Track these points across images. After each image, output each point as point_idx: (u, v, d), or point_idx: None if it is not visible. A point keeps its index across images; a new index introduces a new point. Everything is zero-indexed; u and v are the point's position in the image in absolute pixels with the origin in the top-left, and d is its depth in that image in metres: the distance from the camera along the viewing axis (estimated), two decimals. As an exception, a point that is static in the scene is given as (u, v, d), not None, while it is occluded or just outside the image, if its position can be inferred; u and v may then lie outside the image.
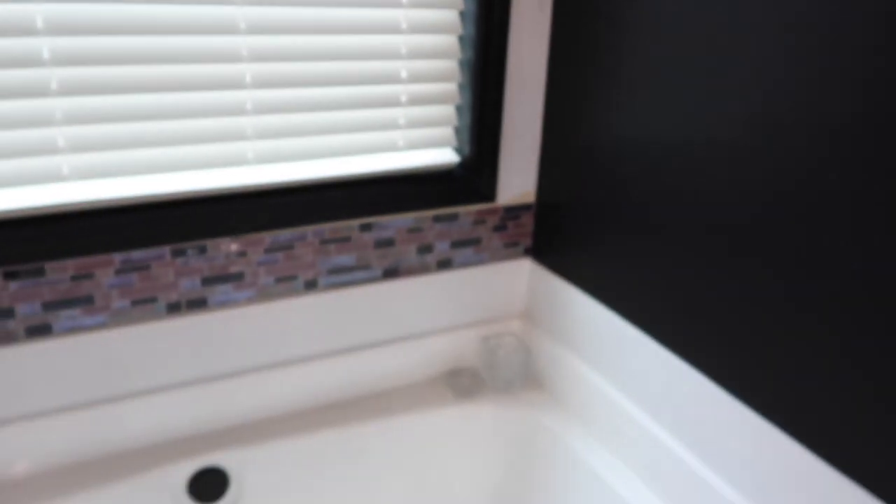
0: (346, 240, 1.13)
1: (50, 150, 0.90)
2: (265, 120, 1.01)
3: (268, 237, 1.07)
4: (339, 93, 1.04)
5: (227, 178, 1.02)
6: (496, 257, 1.27)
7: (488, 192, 1.20)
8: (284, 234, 1.08)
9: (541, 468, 1.19)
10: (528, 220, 1.27)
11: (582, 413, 1.17)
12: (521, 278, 1.31)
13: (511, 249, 1.28)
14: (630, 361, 1.05)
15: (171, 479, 1.06)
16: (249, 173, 1.04)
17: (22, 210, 0.91)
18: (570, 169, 1.15)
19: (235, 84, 0.97)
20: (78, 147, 0.91)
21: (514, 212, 1.25)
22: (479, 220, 1.23)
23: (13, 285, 0.93)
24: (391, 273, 1.19)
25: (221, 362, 1.10)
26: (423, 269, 1.22)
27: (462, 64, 1.13)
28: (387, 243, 1.17)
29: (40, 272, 0.94)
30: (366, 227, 1.14)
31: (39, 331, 0.97)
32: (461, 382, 1.27)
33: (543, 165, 1.22)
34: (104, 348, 1.01)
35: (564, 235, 1.19)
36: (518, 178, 1.23)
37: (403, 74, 1.08)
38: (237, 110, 0.98)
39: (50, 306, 0.96)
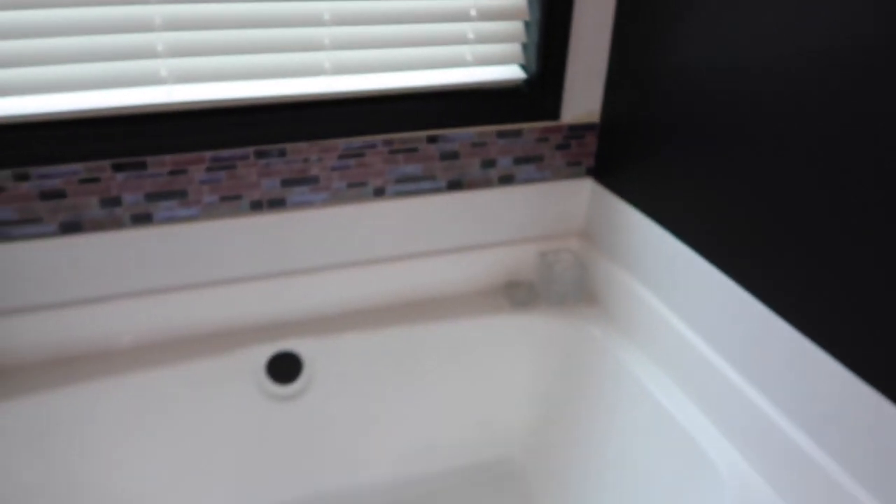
0: (414, 150, 1.20)
1: (150, 54, 1.00)
2: (341, 31, 1.07)
3: (341, 144, 1.15)
4: (411, 6, 1.09)
5: (305, 86, 1.10)
6: (558, 175, 1.31)
7: (553, 110, 1.23)
8: (356, 142, 1.16)
9: (588, 376, 1.25)
10: (591, 140, 1.30)
11: (631, 328, 1.22)
12: (581, 198, 1.34)
13: (573, 168, 1.31)
14: (684, 282, 1.08)
15: (253, 359, 1.20)
16: (326, 83, 1.11)
17: (125, 108, 1.02)
18: (637, 89, 1.16)
19: (315, -4, 1.03)
20: (175, 52, 1.01)
21: (577, 131, 1.28)
22: (543, 137, 1.26)
23: (120, 176, 1.06)
24: (455, 185, 1.25)
25: (298, 259, 1.21)
26: (485, 183, 1.27)
27: (532, -21, 1.15)
28: (452, 156, 1.22)
29: (143, 166, 1.06)
30: (432, 140, 1.20)
31: (142, 219, 1.10)
32: (518, 294, 1.34)
33: (610, 85, 1.24)
34: (196, 239, 1.13)
35: (627, 156, 1.21)
36: (583, 98, 1.25)
37: (474, -11, 1.11)
38: (316, 21, 1.05)
39: (151, 197, 1.09)
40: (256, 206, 1.15)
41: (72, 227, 1.07)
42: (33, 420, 1.08)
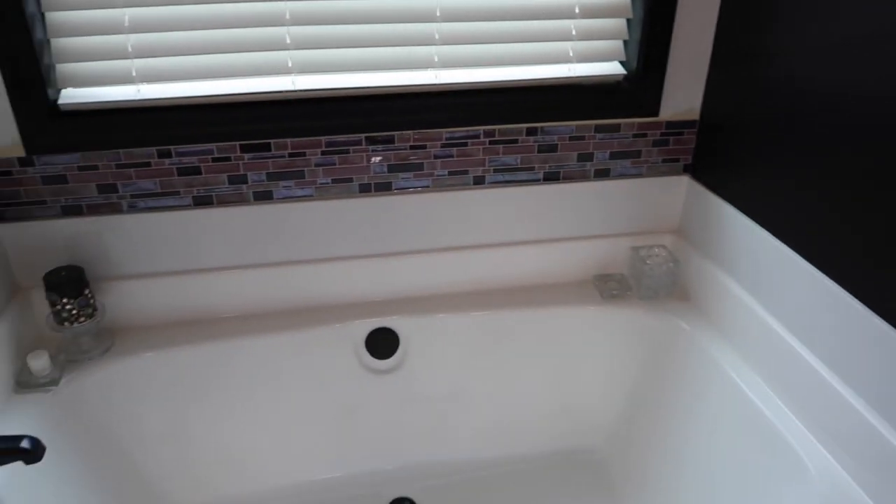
0: (513, 142, 1.25)
1: (280, 46, 1.10)
2: (451, 27, 1.14)
3: (445, 133, 1.22)
4: (519, 3, 1.14)
5: (415, 78, 1.18)
6: (654, 171, 1.33)
7: (652, 106, 1.25)
8: (459, 132, 1.22)
9: (676, 370, 1.26)
10: (689, 137, 1.30)
11: (722, 324, 1.22)
12: (676, 194, 1.35)
13: (670, 165, 1.33)
14: (780, 280, 1.08)
15: (355, 333, 1.29)
16: (434, 75, 1.18)
17: (255, 94, 1.13)
18: (740, 87, 1.16)
19: (428, -7, 1.11)
20: (301, 44, 1.11)
21: (676, 128, 1.29)
22: (640, 133, 1.29)
23: (247, 156, 1.17)
24: (551, 177, 1.30)
25: (399, 241, 1.29)
26: (581, 176, 1.31)
27: (638, -23, 1.17)
28: (549, 148, 1.27)
29: (267, 147, 1.17)
30: (532, 132, 1.24)
31: (263, 196, 1.21)
32: (609, 286, 1.37)
33: (711, 83, 1.24)
34: (309, 217, 1.23)
35: (727, 154, 1.21)
36: (683, 95, 1.26)
37: (579, -13, 1.15)
38: (428, 17, 1.12)
39: (272, 176, 1.19)
40: (365, 189, 1.24)
41: (203, 201, 1.19)
42: (162, 372, 1.21)
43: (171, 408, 1.23)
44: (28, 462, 0.90)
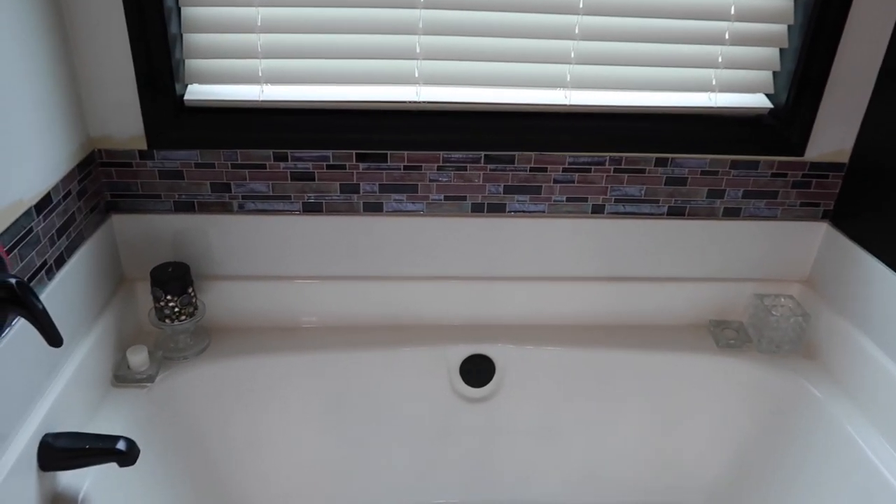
0: (640, 172, 1.17)
1: (409, 55, 1.05)
2: (589, 46, 1.07)
3: (568, 157, 1.15)
4: (666, 24, 1.06)
5: (542, 96, 1.11)
6: (789, 215, 1.22)
7: (797, 145, 1.15)
8: (583, 157, 1.15)
9: (797, 434, 1.15)
10: (834, 181, 1.19)
11: (855, 389, 1.10)
12: (812, 241, 1.24)
13: (808, 209, 1.21)
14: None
15: (450, 357, 1.23)
16: (563, 95, 1.11)
17: (378, 103, 1.09)
18: (900, 130, 1.05)
19: (566, 8, 1.04)
20: (430, 55, 1.06)
21: (821, 170, 1.18)
22: (780, 173, 1.18)
23: (362, 166, 1.13)
24: (676, 212, 1.20)
25: (507, 265, 1.22)
26: (708, 214, 1.21)
27: (798, 2, 1.07)
28: (678, 181, 1.18)
29: (383, 158, 1.12)
30: (661, 163, 1.16)
31: (373, 207, 1.16)
32: (725, 334, 1.26)
33: (869, 123, 1.13)
34: (418, 233, 1.18)
35: (878, 202, 1.10)
36: (835, 134, 1.15)
37: (732, 10, 1.06)
38: (566, 34, 1.06)
39: (384, 188, 1.15)
40: (477, 209, 1.18)
41: (313, 208, 1.16)
42: (254, 378, 1.18)
43: (258, 415, 1.20)
44: (122, 464, 0.88)
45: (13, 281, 0.75)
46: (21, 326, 0.85)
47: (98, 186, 1.09)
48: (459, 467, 1.28)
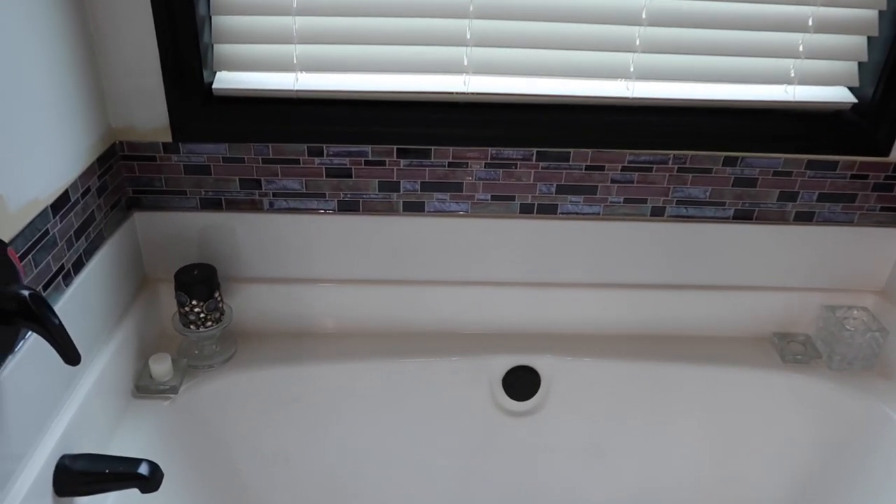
0: (706, 172, 1.06)
1: (459, 41, 0.96)
2: (657, 32, 0.97)
3: (627, 155, 1.05)
4: (742, 8, 0.96)
5: (602, 88, 1.01)
6: (868, 220, 1.11)
7: (883, 145, 1.04)
8: (645, 156, 1.05)
9: (871, 461, 1.05)
10: (920, 184, 1.08)
11: (948, 417, 1.00)
12: (891, 250, 1.13)
13: (888, 214, 1.11)
14: None
15: (493, 367, 1.14)
16: (626, 86, 1.01)
17: (422, 93, 1.00)
18: None
19: (634, -9, 0.94)
20: (481, 41, 0.96)
21: (906, 171, 1.07)
22: (861, 174, 1.07)
23: (403, 162, 1.04)
24: (743, 215, 1.10)
25: (556, 270, 1.13)
26: (779, 218, 1.11)
27: (892, -13, 0.96)
28: (747, 182, 1.08)
29: (426, 154, 1.03)
30: (729, 162, 1.06)
31: (414, 207, 1.08)
32: (791, 348, 1.16)
33: (963, 121, 1.02)
34: (461, 234, 1.09)
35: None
36: (924, 133, 1.04)
37: (818, -6, 0.95)
38: (633, 19, 0.96)
39: (426, 186, 1.06)
40: (526, 210, 1.09)
41: (349, 207, 1.07)
42: (283, 389, 1.11)
43: (288, 426, 1.13)
44: (144, 490, 0.80)
45: (26, 294, 0.67)
46: (37, 336, 0.77)
47: (119, 181, 1.01)
48: (499, 485, 1.20)
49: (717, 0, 0.95)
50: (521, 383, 1.16)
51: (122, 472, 0.80)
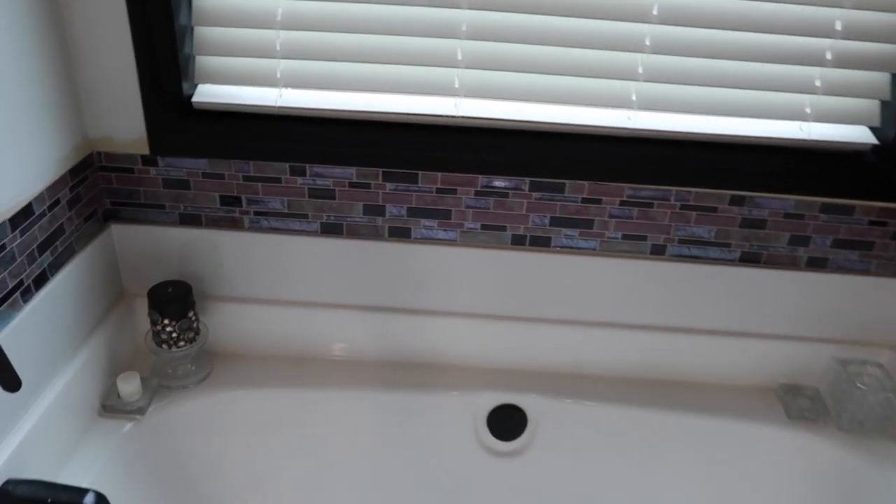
0: (711, 210, 1.00)
1: (450, 62, 0.91)
2: (657, 60, 0.91)
3: (627, 189, 0.99)
4: (751, 39, 0.89)
5: (601, 117, 0.95)
6: (886, 270, 1.03)
7: (904, 190, 0.97)
8: (645, 190, 0.99)
9: (883, 535, 0.97)
10: (946, 234, 1.00)
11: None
12: (911, 302, 1.05)
13: (910, 265, 1.03)
14: None
15: (477, 404, 1.08)
16: (626, 116, 0.95)
17: (407, 115, 0.95)
18: None
19: (636, 14, 0.88)
20: (473, 63, 0.91)
21: (930, 220, 0.99)
22: (879, 221, 1.00)
23: (389, 186, 0.99)
24: (750, 258, 1.03)
25: (549, 305, 1.07)
26: (789, 263, 1.03)
27: (921, 22, 0.89)
28: (756, 224, 1.01)
29: (413, 179, 0.98)
30: (737, 201, 0.99)
31: (399, 233, 1.03)
32: (798, 402, 1.08)
33: None
34: (449, 264, 1.04)
35: None
36: (952, 180, 0.96)
37: (838, 26, 0.89)
38: (635, 45, 0.90)
39: (413, 212, 1.01)
40: (518, 241, 1.03)
41: (332, 229, 1.03)
42: (258, 413, 1.06)
43: (259, 453, 1.08)
44: (89, 524, 0.76)
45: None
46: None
47: (96, 192, 0.98)
48: (479, 527, 1.14)
49: (727, 30, 0.89)
50: (507, 422, 1.10)
51: (65, 503, 0.76)
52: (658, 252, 1.03)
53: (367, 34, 0.90)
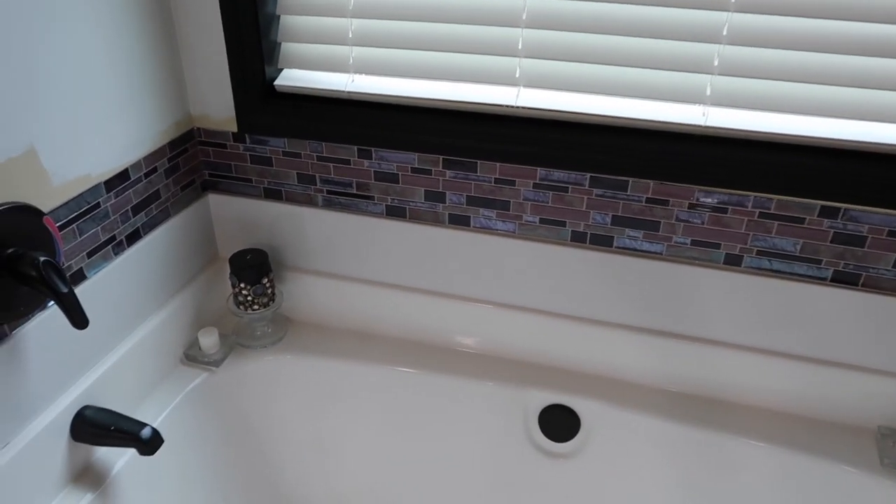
0: (797, 221, 0.89)
1: (510, 51, 0.90)
2: (736, 52, 0.83)
3: (698, 192, 0.91)
4: (847, 28, 0.78)
5: (674, 113, 0.89)
6: None
7: None
8: (718, 194, 0.91)
9: None
10: None
11: None
12: None
13: None
14: None
15: (530, 401, 1.06)
16: (702, 112, 0.88)
17: (468, 104, 0.95)
18: None
19: (714, 2, 0.81)
20: (533, 52, 0.89)
21: None
22: None
23: (449, 173, 1.00)
24: (845, 279, 0.91)
25: (608, 307, 1.03)
26: (892, 287, 0.90)
27: None
28: (852, 241, 0.88)
29: (473, 167, 0.99)
30: (828, 213, 0.88)
31: (459, 220, 1.03)
32: (894, 450, 0.94)
33: None
34: (507, 255, 1.03)
35: None
36: None
37: (965, 16, 0.75)
38: (710, 35, 0.82)
39: (472, 201, 1.01)
40: (578, 238, 0.99)
41: (396, 212, 1.06)
42: (322, 380, 1.13)
43: (316, 417, 1.15)
44: (141, 453, 0.87)
45: (41, 259, 0.75)
46: (84, 291, 0.88)
47: (195, 164, 1.09)
48: (524, 525, 1.13)
49: (817, 18, 0.79)
50: (560, 424, 1.07)
51: (124, 431, 0.87)
52: (733, 262, 0.94)
53: (430, 22, 0.91)
